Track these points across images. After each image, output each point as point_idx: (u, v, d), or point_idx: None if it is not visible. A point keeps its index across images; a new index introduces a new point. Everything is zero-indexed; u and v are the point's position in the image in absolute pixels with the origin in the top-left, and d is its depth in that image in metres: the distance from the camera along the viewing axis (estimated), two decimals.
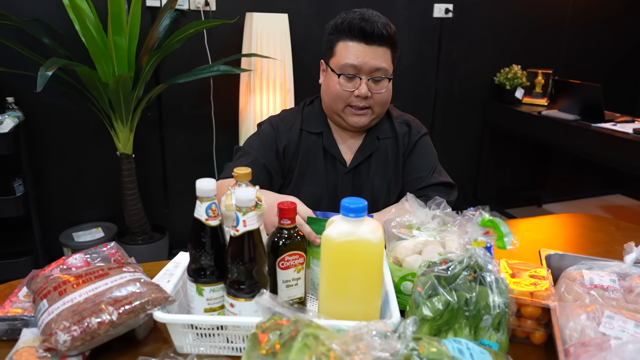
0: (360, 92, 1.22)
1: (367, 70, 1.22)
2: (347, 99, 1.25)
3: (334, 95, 1.25)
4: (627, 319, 0.81)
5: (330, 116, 1.33)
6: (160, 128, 2.64)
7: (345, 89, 1.24)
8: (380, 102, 1.26)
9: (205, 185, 0.82)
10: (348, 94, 1.24)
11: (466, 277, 0.82)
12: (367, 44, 1.21)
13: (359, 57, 1.21)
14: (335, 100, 1.26)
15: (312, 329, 0.68)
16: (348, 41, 1.22)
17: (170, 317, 0.79)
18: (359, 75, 1.22)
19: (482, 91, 3.40)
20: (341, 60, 1.23)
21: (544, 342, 0.88)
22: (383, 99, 1.26)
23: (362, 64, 1.21)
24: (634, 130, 2.53)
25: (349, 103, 1.25)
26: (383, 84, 1.25)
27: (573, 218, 1.55)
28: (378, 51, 1.22)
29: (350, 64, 1.21)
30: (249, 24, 2.44)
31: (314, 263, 1.00)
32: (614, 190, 4.13)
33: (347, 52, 1.22)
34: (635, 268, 0.97)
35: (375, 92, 1.24)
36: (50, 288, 0.82)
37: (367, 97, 1.23)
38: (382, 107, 1.29)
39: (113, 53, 2.03)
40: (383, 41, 1.22)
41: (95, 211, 2.63)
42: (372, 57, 1.21)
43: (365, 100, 1.24)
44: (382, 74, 1.23)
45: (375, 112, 1.28)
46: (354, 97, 1.24)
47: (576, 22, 3.50)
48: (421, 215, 0.96)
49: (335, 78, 1.24)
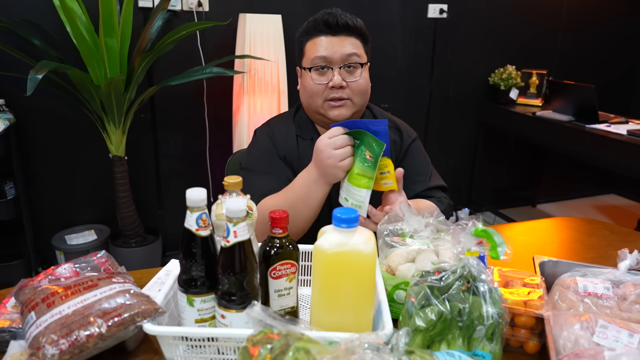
0: (334, 82, 1.20)
1: (338, 59, 1.20)
2: (322, 92, 1.22)
3: (310, 92, 1.24)
4: (620, 328, 0.81)
5: (313, 118, 1.31)
6: (153, 130, 2.62)
7: (319, 82, 1.21)
8: (358, 91, 1.23)
9: (196, 195, 0.81)
10: (323, 87, 1.21)
11: (459, 287, 0.81)
12: (334, 35, 1.21)
13: (327, 48, 1.20)
14: (312, 98, 1.24)
15: (303, 343, 0.67)
16: (315, 37, 1.22)
17: (160, 329, 0.78)
18: (330, 65, 1.21)
19: (476, 92, 3.39)
20: (311, 55, 1.22)
21: (537, 351, 0.88)
22: (360, 87, 1.23)
23: (331, 54, 1.20)
24: (628, 131, 2.54)
25: (325, 97, 1.22)
26: (357, 71, 1.22)
27: (567, 222, 1.55)
28: (346, 40, 1.21)
29: (320, 56, 1.20)
30: (242, 25, 2.42)
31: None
32: (608, 190, 4.14)
33: (315, 46, 1.22)
34: (629, 275, 0.97)
35: (350, 81, 1.21)
36: (38, 300, 0.81)
37: (343, 86, 1.21)
38: (362, 97, 1.25)
39: (105, 55, 2.01)
40: (350, 31, 1.22)
41: (88, 214, 2.61)
42: (340, 45, 1.20)
43: (341, 90, 1.21)
44: (354, 60, 1.21)
45: (356, 104, 1.24)
46: (329, 89, 1.21)
47: (571, 24, 3.50)
48: (414, 223, 0.96)
49: (308, 75, 1.23)
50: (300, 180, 1.15)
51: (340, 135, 1.07)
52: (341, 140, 1.06)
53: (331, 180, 1.10)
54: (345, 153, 1.06)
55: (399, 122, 1.39)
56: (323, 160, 1.08)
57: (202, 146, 2.68)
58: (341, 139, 1.06)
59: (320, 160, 1.08)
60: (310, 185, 1.13)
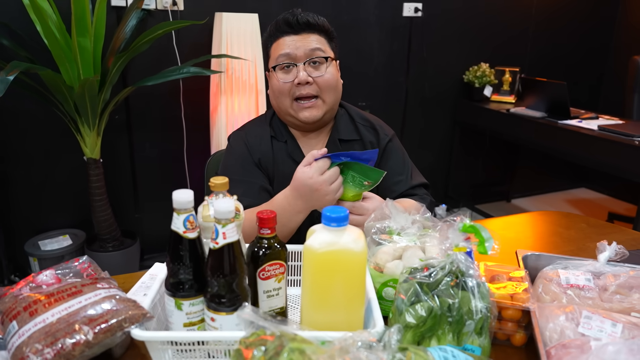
0: (299, 79, 1.19)
1: (302, 55, 1.20)
2: (289, 91, 1.21)
3: (278, 92, 1.23)
4: (604, 318, 0.83)
5: (285, 120, 1.30)
6: (128, 131, 2.57)
7: (285, 80, 1.20)
8: (326, 87, 1.22)
9: (182, 197, 0.80)
10: (289, 85, 1.20)
11: (448, 282, 0.82)
12: (296, 33, 1.21)
13: (290, 45, 1.20)
14: (280, 99, 1.23)
15: (297, 344, 0.67)
16: (278, 38, 1.22)
17: (149, 335, 0.76)
18: (295, 62, 1.20)
19: (451, 89, 3.44)
20: (275, 55, 1.22)
21: (524, 343, 0.89)
22: (327, 82, 1.21)
23: (294, 50, 1.20)
24: (599, 127, 2.61)
25: (293, 95, 1.21)
26: (322, 66, 1.21)
27: (545, 216, 1.59)
28: (309, 37, 1.21)
29: (283, 54, 1.20)
30: (218, 24, 2.40)
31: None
32: (579, 184, 4.26)
33: (279, 46, 1.22)
34: (608, 267, 1.00)
35: (316, 76, 1.20)
36: (19, 308, 0.78)
37: (309, 82, 1.20)
38: (331, 94, 1.23)
39: (78, 55, 1.96)
40: (312, 29, 1.22)
41: (62, 218, 2.54)
42: (303, 42, 1.20)
43: (308, 86, 1.20)
44: (318, 55, 1.21)
45: (326, 102, 1.23)
46: (296, 86, 1.20)
47: (541, 23, 3.58)
48: (401, 220, 0.96)
49: (274, 75, 1.22)
50: (280, 205, 1.12)
51: (332, 169, 1.06)
52: (334, 174, 1.06)
53: (319, 208, 1.08)
54: (339, 185, 1.07)
55: (375, 121, 1.38)
56: (320, 198, 1.06)
57: (179, 147, 2.64)
58: (334, 173, 1.06)
59: (317, 198, 1.06)
60: (291, 214, 1.11)
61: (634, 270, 0.99)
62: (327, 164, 1.06)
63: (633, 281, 0.96)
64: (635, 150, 2.38)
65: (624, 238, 1.35)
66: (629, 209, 3.74)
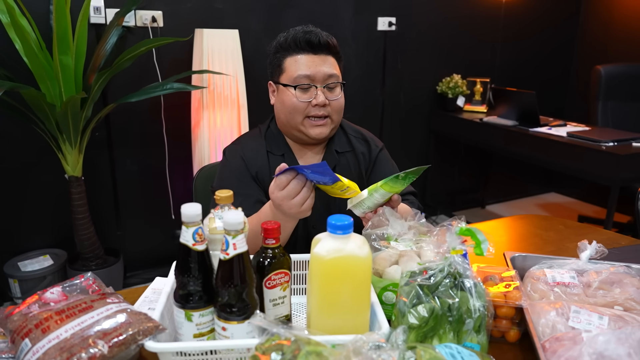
0: (318, 101, 1.24)
1: (321, 78, 1.25)
2: (304, 110, 1.26)
3: (291, 109, 1.26)
4: (591, 312, 0.89)
5: (288, 133, 1.33)
6: (109, 148, 2.56)
7: (302, 100, 1.25)
8: (337, 110, 1.29)
9: (191, 211, 0.82)
10: (305, 105, 1.25)
11: (447, 284, 0.87)
12: (316, 53, 1.25)
13: (311, 67, 1.24)
14: (292, 115, 1.27)
15: (313, 347, 0.70)
16: (296, 55, 1.26)
17: (163, 346, 0.78)
18: (314, 84, 1.25)
19: (426, 100, 3.54)
20: (293, 73, 1.25)
21: (518, 339, 0.94)
22: (340, 105, 1.29)
23: (315, 73, 1.24)
24: (568, 133, 2.73)
25: (307, 114, 1.26)
26: (337, 90, 1.28)
27: (525, 219, 1.66)
28: (327, 59, 1.26)
29: (304, 75, 1.24)
30: (199, 40, 2.42)
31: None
32: (549, 189, 4.42)
33: (297, 64, 1.25)
34: (590, 264, 1.06)
35: (332, 99, 1.26)
36: (31, 326, 0.79)
37: (325, 104, 1.25)
38: (339, 115, 1.31)
39: (59, 73, 1.95)
40: (329, 51, 1.27)
41: (42, 238, 2.50)
42: (323, 65, 1.25)
43: (323, 108, 1.26)
44: (335, 80, 1.27)
45: (334, 121, 1.30)
46: (312, 107, 1.25)
47: (508, 36, 3.73)
48: (398, 226, 1.01)
49: (289, 92, 1.26)
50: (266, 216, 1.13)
51: (291, 182, 1.01)
52: (294, 187, 1.01)
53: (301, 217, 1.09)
54: (303, 197, 1.02)
55: (366, 133, 1.44)
56: (286, 212, 1.05)
57: (161, 163, 2.64)
58: (293, 187, 1.01)
59: (284, 211, 1.05)
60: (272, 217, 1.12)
61: (613, 266, 1.06)
62: (288, 179, 1.01)
63: (614, 277, 1.02)
64: (603, 154, 2.51)
65: (600, 238, 1.43)
66: (597, 211, 3.90)
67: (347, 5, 3.02)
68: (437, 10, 3.37)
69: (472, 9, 3.52)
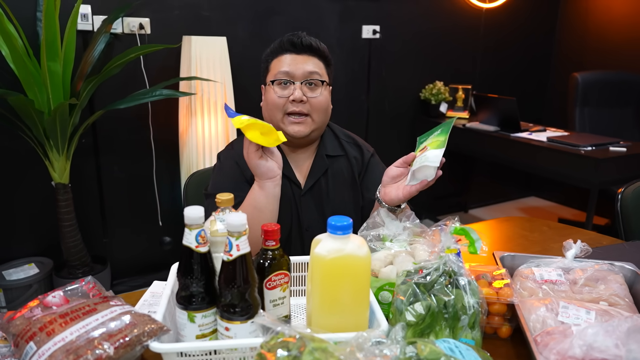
0: (295, 96, 1.26)
1: (300, 74, 1.27)
2: (283, 106, 1.28)
3: (271, 105, 1.29)
4: (578, 307, 0.93)
5: None
6: (95, 155, 2.54)
7: (281, 95, 1.28)
8: (318, 108, 1.29)
9: (194, 213, 0.84)
10: (284, 101, 1.28)
11: (443, 282, 0.90)
12: (298, 53, 1.29)
13: (291, 64, 1.28)
14: (273, 112, 1.30)
15: (317, 343, 0.72)
16: (280, 55, 1.30)
17: (169, 347, 0.79)
18: (293, 80, 1.28)
19: (410, 106, 3.60)
20: (275, 71, 1.29)
21: (510, 335, 0.98)
22: (320, 104, 1.29)
23: (294, 70, 1.27)
24: (548, 138, 2.82)
25: (286, 111, 1.28)
26: (318, 89, 1.30)
27: (510, 221, 1.71)
28: (309, 59, 1.29)
29: (283, 71, 1.28)
30: (187, 48, 2.43)
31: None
32: (529, 193, 4.52)
33: (280, 63, 1.29)
34: (576, 262, 1.11)
35: (311, 97, 1.28)
36: (35, 329, 0.79)
37: (303, 100, 1.27)
38: (321, 115, 1.31)
39: (47, 80, 1.94)
40: (313, 52, 1.30)
41: (27, 246, 2.47)
42: (304, 63, 1.28)
43: (301, 104, 1.27)
44: (315, 77, 1.29)
45: (315, 121, 1.30)
46: (290, 102, 1.27)
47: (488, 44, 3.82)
48: (393, 227, 1.04)
49: (271, 89, 1.29)
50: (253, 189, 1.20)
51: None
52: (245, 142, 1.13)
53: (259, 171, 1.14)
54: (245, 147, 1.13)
55: (358, 139, 1.47)
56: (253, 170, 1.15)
57: (148, 169, 2.63)
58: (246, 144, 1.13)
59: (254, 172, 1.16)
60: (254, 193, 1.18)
61: (598, 264, 1.10)
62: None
63: (598, 274, 1.07)
64: (582, 159, 2.59)
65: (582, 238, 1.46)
66: (576, 214, 4.01)
67: (333, 14, 3.06)
68: (420, 20, 3.45)
69: (454, 17, 3.60)
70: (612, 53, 3.74)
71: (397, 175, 1.18)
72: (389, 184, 1.19)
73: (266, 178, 1.15)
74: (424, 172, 1.08)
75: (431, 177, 1.09)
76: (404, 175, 1.16)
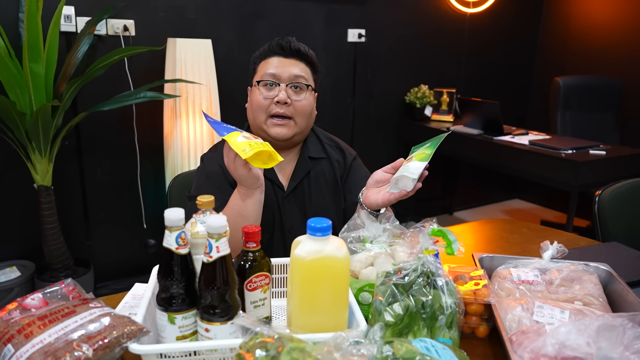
0: (279, 98, 1.27)
1: (286, 77, 1.29)
2: (267, 107, 1.29)
3: (256, 106, 1.30)
4: (553, 307, 0.95)
5: (256, 134, 1.34)
6: (79, 157, 2.52)
7: (266, 97, 1.29)
8: (301, 112, 1.30)
9: (174, 215, 0.84)
10: (268, 102, 1.28)
11: (421, 283, 0.91)
12: (286, 57, 1.31)
13: (278, 67, 1.29)
14: (257, 113, 1.30)
15: (295, 343, 0.73)
16: (269, 58, 1.32)
17: (148, 348, 0.80)
18: (278, 82, 1.29)
19: (395, 110, 3.63)
20: (262, 72, 1.31)
21: (487, 335, 1.00)
22: (304, 108, 1.30)
23: (280, 72, 1.29)
24: (530, 142, 2.86)
25: (269, 112, 1.29)
26: (303, 93, 1.31)
27: (491, 223, 1.74)
28: (297, 63, 1.31)
29: (269, 73, 1.29)
30: (171, 50, 2.43)
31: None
32: (512, 195, 4.57)
33: (267, 65, 1.31)
34: (552, 263, 1.13)
35: (295, 100, 1.29)
36: (13, 332, 0.79)
37: (287, 102, 1.28)
38: (304, 119, 1.32)
39: (30, 81, 1.93)
40: (300, 57, 1.32)
41: (8, 249, 2.43)
42: (290, 66, 1.30)
43: (285, 107, 1.28)
44: (301, 81, 1.30)
45: (298, 124, 1.31)
46: (274, 104, 1.28)
47: (472, 48, 3.87)
48: (373, 229, 1.05)
49: (257, 90, 1.30)
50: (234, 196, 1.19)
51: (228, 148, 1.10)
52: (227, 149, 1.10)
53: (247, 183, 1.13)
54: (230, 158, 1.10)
55: (340, 142, 1.48)
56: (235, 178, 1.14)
57: (132, 171, 2.62)
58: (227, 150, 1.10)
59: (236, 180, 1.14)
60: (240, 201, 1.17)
61: (573, 265, 1.13)
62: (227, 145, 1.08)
63: (574, 274, 1.10)
64: (563, 162, 2.63)
65: (560, 239, 1.49)
66: (558, 216, 4.07)
67: (318, 17, 3.08)
68: (405, 24, 3.48)
69: (438, 22, 3.64)
70: (593, 57, 3.81)
71: (382, 180, 1.19)
72: (372, 187, 1.20)
73: (254, 188, 1.15)
74: (404, 182, 1.10)
75: (409, 188, 1.10)
76: (388, 181, 1.17)
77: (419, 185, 1.10)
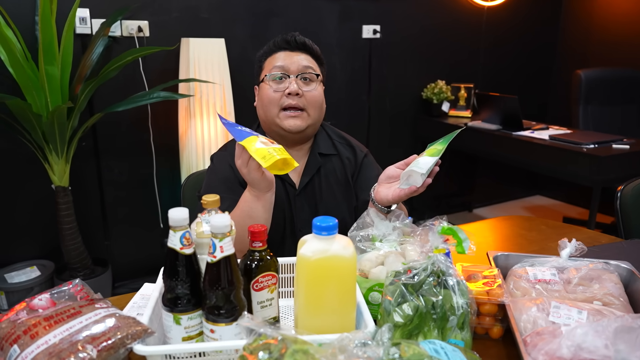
0: (290, 89, 1.26)
1: (295, 69, 1.28)
2: (279, 100, 1.28)
3: (267, 101, 1.29)
4: (570, 307, 0.92)
5: (270, 131, 1.35)
6: (96, 157, 2.55)
7: (276, 90, 1.28)
8: (313, 103, 1.29)
9: (178, 215, 0.83)
10: (280, 95, 1.27)
11: (431, 282, 0.89)
12: (292, 50, 1.31)
13: (285, 59, 1.29)
14: (269, 107, 1.29)
15: (299, 345, 0.71)
16: (274, 53, 1.31)
17: (153, 349, 0.79)
18: (288, 74, 1.28)
19: (411, 106, 3.59)
20: (269, 67, 1.30)
21: (501, 336, 0.97)
22: (315, 98, 1.30)
23: (289, 64, 1.28)
24: (550, 136, 2.79)
25: (281, 105, 1.28)
26: (313, 84, 1.30)
27: (508, 220, 1.69)
28: (303, 56, 1.31)
29: (278, 66, 1.29)
30: (185, 50, 2.44)
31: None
32: (534, 192, 4.48)
33: (274, 60, 1.30)
34: (570, 261, 1.09)
35: (306, 90, 1.28)
36: (19, 332, 0.79)
37: (298, 94, 1.27)
38: (316, 110, 1.31)
39: (45, 83, 1.95)
40: (306, 50, 1.32)
41: (28, 249, 2.48)
42: (297, 58, 1.30)
43: (297, 98, 1.27)
44: (310, 71, 1.30)
45: (311, 116, 1.30)
46: (286, 96, 1.27)
47: (490, 42, 3.80)
48: (382, 227, 1.03)
49: (266, 86, 1.30)
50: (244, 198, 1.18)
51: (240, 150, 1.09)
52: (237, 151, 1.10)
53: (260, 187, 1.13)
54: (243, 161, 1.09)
55: (351, 139, 1.46)
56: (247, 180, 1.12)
57: (148, 171, 2.64)
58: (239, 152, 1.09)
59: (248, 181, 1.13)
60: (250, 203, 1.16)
61: (592, 263, 1.09)
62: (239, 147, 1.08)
63: (593, 273, 1.05)
64: (584, 156, 2.56)
65: (580, 236, 1.46)
66: (581, 212, 3.97)
67: (332, 14, 3.06)
68: (421, 19, 3.43)
69: (455, 15, 3.58)
70: (616, 49, 3.70)
71: (394, 176, 1.17)
72: (383, 183, 1.18)
73: (266, 190, 1.14)
74: (413, 177, 1.07)
75: (419, 184, 1.07)
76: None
77: (429, 180, 1.07)
